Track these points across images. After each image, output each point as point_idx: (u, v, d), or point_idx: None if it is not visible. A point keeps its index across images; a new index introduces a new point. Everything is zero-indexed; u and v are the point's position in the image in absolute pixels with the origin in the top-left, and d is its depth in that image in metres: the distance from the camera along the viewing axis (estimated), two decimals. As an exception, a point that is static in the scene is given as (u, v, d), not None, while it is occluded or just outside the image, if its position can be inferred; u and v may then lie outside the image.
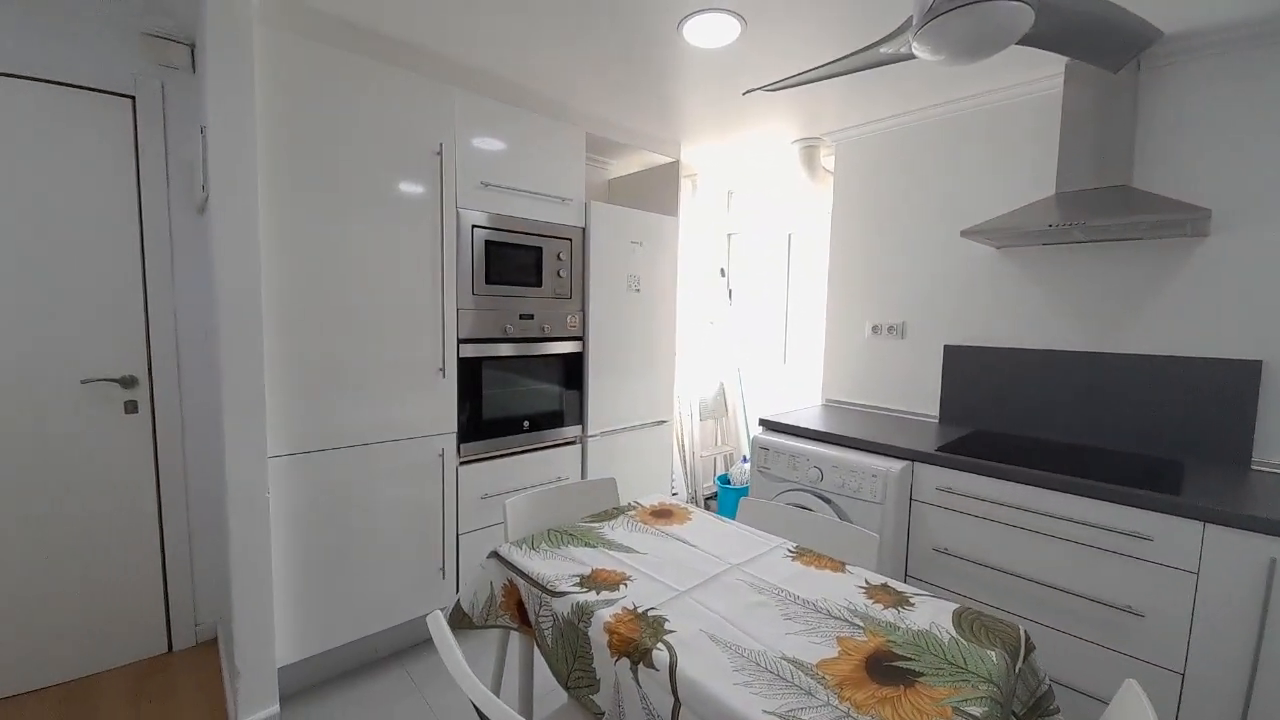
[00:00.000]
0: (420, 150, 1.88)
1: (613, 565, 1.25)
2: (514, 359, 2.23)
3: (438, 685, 1.86)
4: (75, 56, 1.73)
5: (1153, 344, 1.87)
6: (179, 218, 1.93)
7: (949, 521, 1.81)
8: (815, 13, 1.62)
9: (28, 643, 1.77)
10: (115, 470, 1.87)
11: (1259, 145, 1.66)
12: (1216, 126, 1.72)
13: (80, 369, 1.79)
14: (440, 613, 1.02)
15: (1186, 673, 1.41)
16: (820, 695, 0.84)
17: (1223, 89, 1.71)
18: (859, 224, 2.66)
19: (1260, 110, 1.66)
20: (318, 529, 1.75)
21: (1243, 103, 1.68)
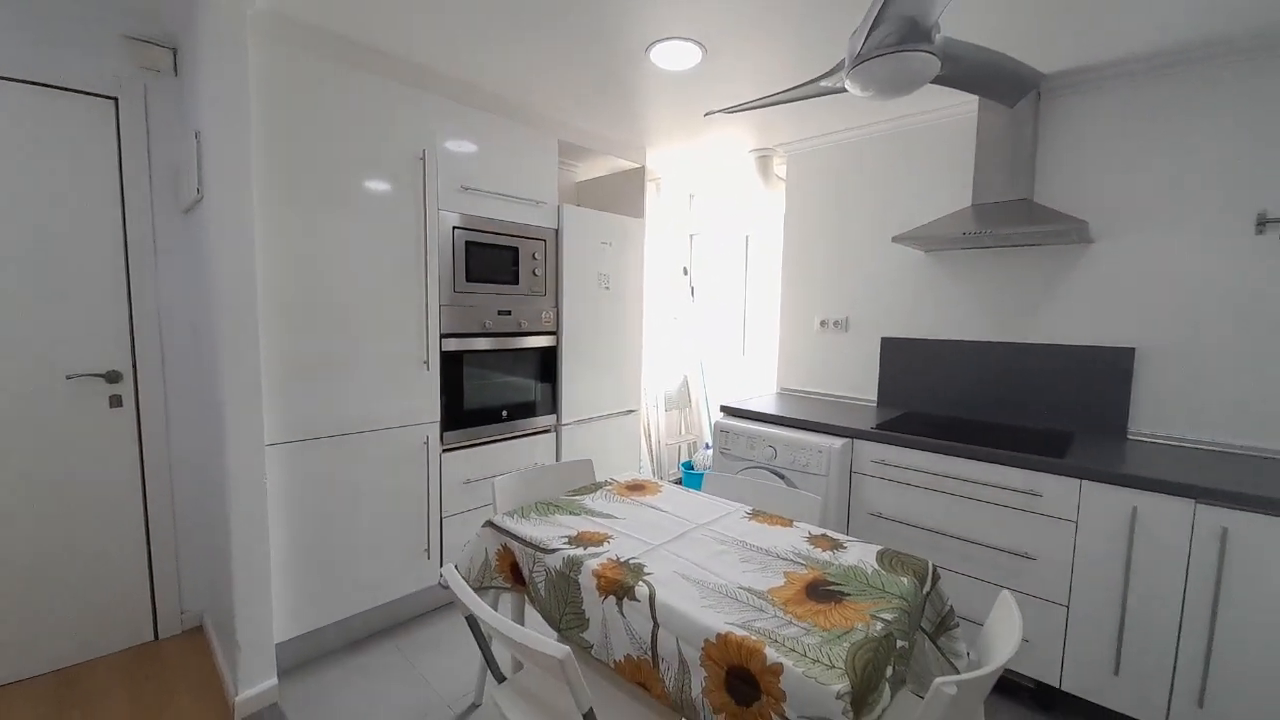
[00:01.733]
0: (404, 155, 2.00)
1: (595, 528, 1.43)
2: (492, 353, 2.37)
3: (427, 658, 1.99)
4: (58, 58, 1.77)
5: (1049, 334, 2.19)
6: (161, 217, 1.98)
7: (882, 489, 2.07)
8: (765, 46, 1.85)
9: (18, 633, 1.81)
10: (100, 464, 1.91)
11: (1132, 166, 1.99)
12: (1100, 149, 2.05)
13: (65, 365, 1.83)
14: (454, 566, 1.18)
15: (1070, 604, 1.71)
16: (769, 611, 1.05)
17: (1103, 117, 2.03)
18: (808, 227, 2.92)
19: (1132, 136, 1.98)
20: (310, 513, 1.86)
21: (1119, 129, 2.00)
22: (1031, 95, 2.06)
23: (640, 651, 1.10)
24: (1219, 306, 1.86)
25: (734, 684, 0.96)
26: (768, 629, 0.99)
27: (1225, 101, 1.82)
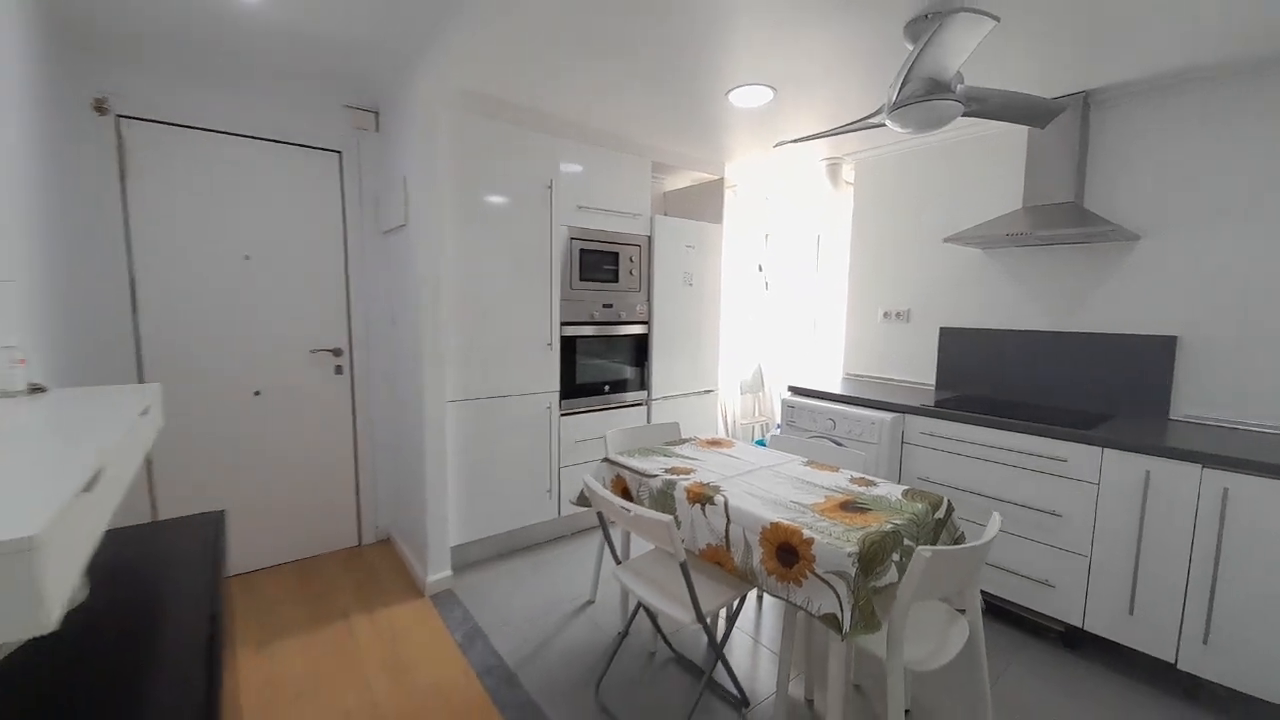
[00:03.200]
0: (537, 184, 2.60)
1: (684, 464, 1.93)
2: (598, 338, 2.94)
3: (550, 570, 2.60)
4: (303, 125, 2.52)
5: (1096, 324, 2.40)
6: (367, 238, 2.71)
7: (929, 457, 2.40)
8: (825, 88, 2.24)
9: (273, 532, 2.61)
10: (329, 414, 2.69)
11: (1180, 167, 2.17)
12: (1148, 152, 2.24)
13: (309, 343, 2.60)
14: (587, 477, 1.72)
15: (1092, 556, 1.98)
16: (810, 515, 1.50)
17: (1152, 122, 2.22)
18: (874, 227, 3.23)
19: (1180, 139, 2.17)
20: (470, 454, 2.52)
21: (1167, 132, 2.19)
22: (1081, 105, 2.29)
23: (717, 540, 1.59)
24: (1263, 298, 2.02)
25: (781, 554, 1.42)
26: (807, 522, 1.44)
27: (1272, 106, 1.97)
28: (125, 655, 0.90)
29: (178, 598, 1.05)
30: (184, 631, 0.95)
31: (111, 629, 0.96)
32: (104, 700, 0.80)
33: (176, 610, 1.01)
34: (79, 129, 2.06)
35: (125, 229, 2.17)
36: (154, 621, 0.99)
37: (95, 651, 0.90)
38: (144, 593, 1.07)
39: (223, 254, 2.37)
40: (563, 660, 1.97)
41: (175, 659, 0.88)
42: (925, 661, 1.38)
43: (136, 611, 1.01)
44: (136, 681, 0.84)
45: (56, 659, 0.88)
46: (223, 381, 2.41)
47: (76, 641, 0.92)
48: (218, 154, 2.34)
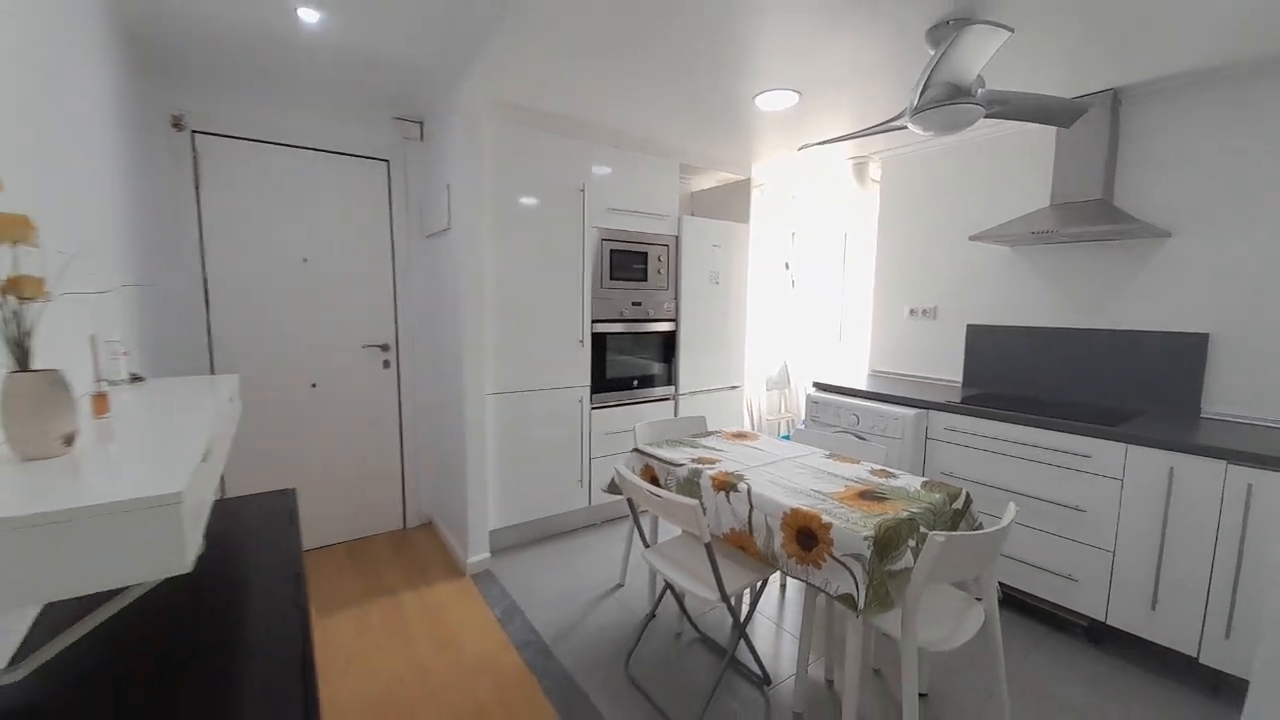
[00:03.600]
0: (570, 189, 2.72)
1: (710, 455, 2.03)
2: (627, 335, 3.05)
3: (580, 556, 2.73)
4: (355, 136, 2.70)
5: (1126, 321, 2.40)
6: (412, 241, 2.89)
7: (951, 452, 2.44)
8: (850, 92, 2.30)
9: (326, 514, 2.81)
10: (378, 405, 2.88)
11: (1212, 164, 2.16)
12: (1180, 149, 2.23)
13: (361, 338, 2.79)
14: (619, 466, 1.83)
15: (1116, 550, 2.00)
16: (829, 502, 1.58)
17: (1183, 119, 2.21)
18: (901, 225, 3.25)
19: (1213, 135, 2.15)
20: (507, 444, 2.67)
21: (1199, 129, 2.18)
22: (1110, 101, 2.29)
23: (740, 525, 1.69)
24: (1299, 294, 2.00)
25: (801, 538, 1.51)
26: (826, 508, 1.53)
27: (1305, 103, 1.95)
28: (232, 600, 1.05)
29: (267, 558, 1.21)
30: (275, 586, 1.11)
31: (219, 579, 1.12)
32: (218, 634, 0.95)
33: (267, 568, 1.17)
34: (160, 144, 2.27)
35: (199, 234, 2.39)
36: (250, 577, 1.14)
37: (209, 595, 1.06)
38: (240, 553, 1.24)
39: (283, 256, 2.58)
40: (594, 637, 2.10)
41: (271, 606, 1.03)
42: (939, 643, 1.45)
43: (236, 568, 1.17)
44: (243, 621, 0.99)
45: (179, 599, 1.04)
46: (283, 374, 2.62)
47: (194, 586, 1.08)
48: (279, 164, 2.54)
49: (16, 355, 0.83)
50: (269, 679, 0.86)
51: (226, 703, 0.80)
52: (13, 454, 0.82)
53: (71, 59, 1.41)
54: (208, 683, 0.84)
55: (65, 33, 1.38)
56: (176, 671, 0.86)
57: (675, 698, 1.79)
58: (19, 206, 0.92)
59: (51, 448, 0.82)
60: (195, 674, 0.86)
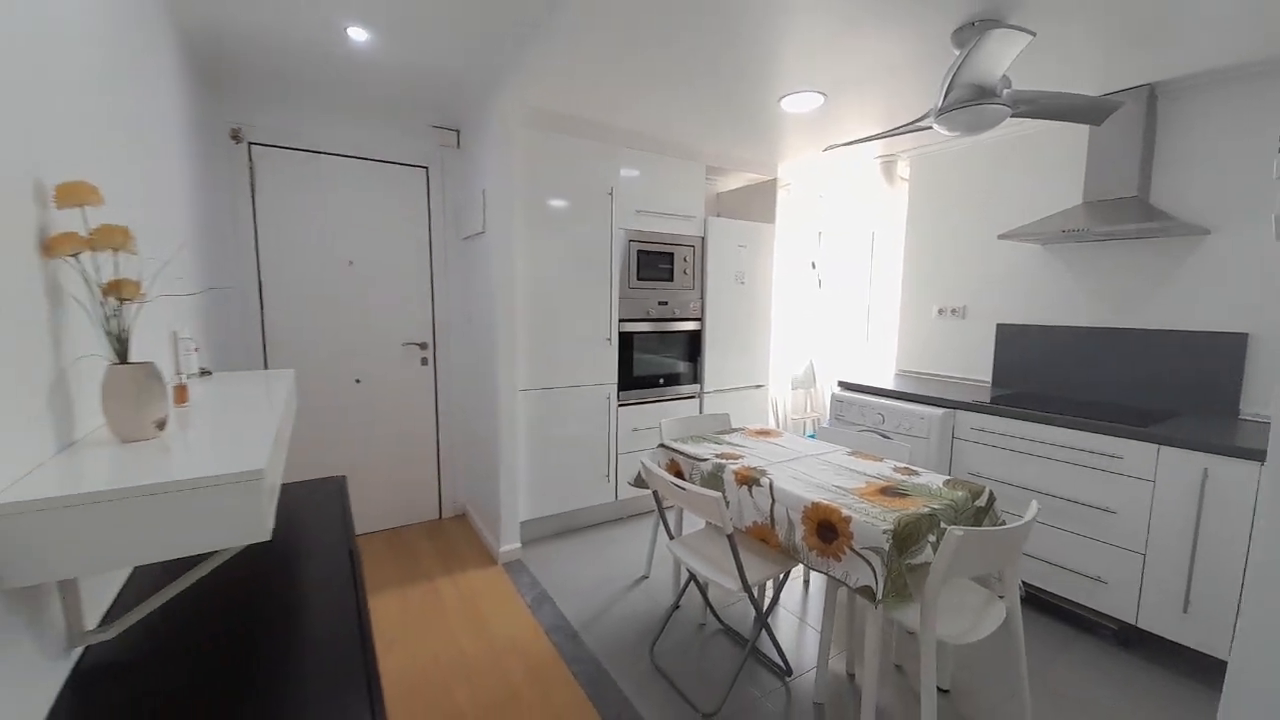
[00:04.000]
0: (598, 192, 2.81)
1: (733, 451, 2.08)
2: (653, 334, 3.12)
3: (607, 548, 2.81)
4: (397, 145, 2.84)
5: (1161, 320, 2.35)
6: (449, 244, 3.02)
7: (979, 452, 2.44)
8: (876, 93, 2.32)
9: (368, 503, 2.96)
10: (415, 401, 3.02)
11: (1253, 159, 2.11)
12: (1219, 144, 2.18)
13: (401, 336, 2.94)
14: (642, 462, 1.91)
15: (1147, 552, 1.98)
16: (850, 498, 1.62)
17: (1223, 114, 2.16)
18: (929, 223, 3.24)
19: (1253, 131, 2.10)
20: (537, 439, 2.77)
21: (1240, 124, 2.13)
22: (1146, 97, 2.26)
23: (763, 519, 1.74)
24: (1345, 293, 1.94)
25: (821, 531, 1.56)
26: (847, 503, 1.57)
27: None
28: (295, 576, 1.16)
29: (323, 539, 1.32)
30: (332, 564, 1.22)
31: (282, 556, 1.23)
32: (284, 605, 1.06)
33: (324, 548, 1.28)
34: (220, 155, 2.45)
35: (255, 239, 2.56)
36: (309, 555, 1.26)
37: (275, 570, 1.17)
38: (299, 534, 1.35)
39: (330, 259, 2.73)
40: (620, 625, 2.17)
41: (329, 582, 1.14)
42: (959, 636, 1.48)
43: (297, 547, 1.29)
44: (305, 595, 1.10)
45: (248, 574, 1.16)
46: (330, 370, 2.78)
47: (260, 562, 1.19)
48: (327, 173, 2.70)
49: (117, 349, 0.94)
50: (332, 648, 0.96)
51: (298, 667, 0.90)
52: (113, 436, 0.94)
53: (150, 78, 1.56)
54: (278, 648, 0.94)
55: (145, 55, 1.53)
56: (249, 637, 0.97)
57: (698, 684, 1.86)
58: (117, 217, 1.04)
59: (146, 431, 0.94)
60: (266, 640, 0.96)
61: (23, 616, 0.75)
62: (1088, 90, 2.31)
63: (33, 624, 0.77)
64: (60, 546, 0.71)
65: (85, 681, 0.85)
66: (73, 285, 0.95)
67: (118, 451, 0.88)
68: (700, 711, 1.74)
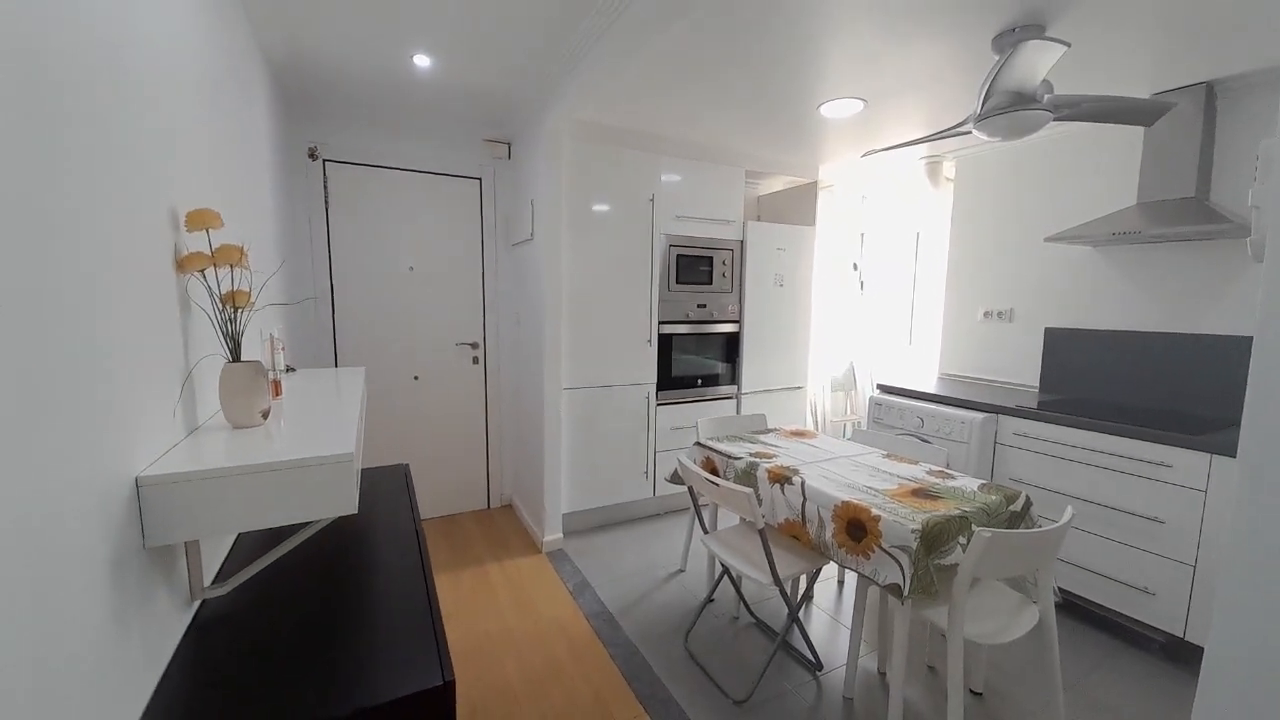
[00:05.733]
0: (640, 199, 2.92)
1: (767, 450, 2.15)
2: (692, 336, 3.21)
3: (645, 541, 2.92)
4: (453, 158, 3.04)
5: (1221, 325, 2.26)
6: (500, 250, 3.20)
7: (1022, 458, 2.40)
8: (916, 98, 2.33)
9: (424, 492, 3.18)
10: (467, 397, 3.22)
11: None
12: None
13: (455, 337, 3.14)
14: (681, 457, 2.00)
15: (1197, 564, 1.92)
16: (881, 499, 1.67)
17: (1291, 114, 2.07)
18: (976, 225, 3.18)
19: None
20: (580, 435, 2.90)
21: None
22: (1204, 95, 2.18)
23: (794, 516, 1.80)
24: None
25: (851, 529, 1.61)
26: (877, 503, 1.62)
27: None
28: (373, 544, 1.32)
29: (392, 520, 1.49)
30: (402, 537, 1.37)
31: (359, 533, 1.40)
32: (366, 566, 1.22)
33: (393, 528, 1.44)
34: (299, 172, 2.70)
35: (328, 247, 2.80)
36: (384, 528, 1.42)
37: (353, 544, 1.34)
38: (374, 511, 1.52)
39: (393, 266, 2.96)
40: (656, 614, 2.28)
41: (399, 558, 1.29)
42: (988, 637, 1.51)
43: (373, 521, 1.46)
44: (383, 559, 1.25)
45: (331, 547, 1.32)
46: (391, 367, 3.01)
47: (340, 538, 1.36)
48: (390, 185, 2.92)
49: (231, 349, 1.12)
50: (405, 608, 1.10)
51: (378, 622, 1.05)
52: (227, 423, 1.12)
53: (249, 107, 1.77)
54: (361, 607, 1.09)
55: (245, 87, 1.74)
56: (337, 596, 1.13)
57: (729, 673, 1.94)
58: (231, 236, 1.22)
59: (254, 419, 1.11)
60: (352, 599, 1.12)
61: (160, 572, 0.92)
62: (1137, 91, 2.25)
63: (165, 579, 0.94)
64: (191, 513, 0.87)
65: (203, 630, 1.01)
66: (198, 295, 1.13)
67: (232, 436, 1.05)
68: (731, 699, 1.82)
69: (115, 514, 0.77)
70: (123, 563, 0.79)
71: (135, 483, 0.83)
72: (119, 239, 0.81)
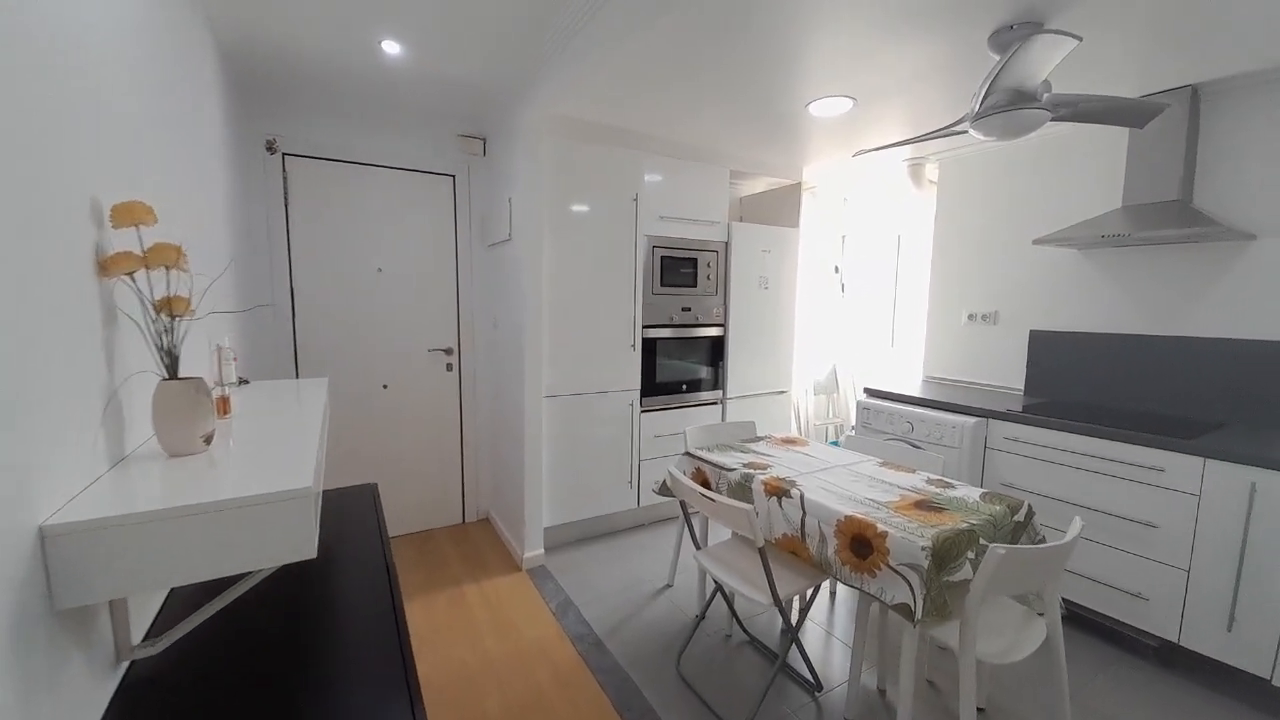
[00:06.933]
0: (623, 199, 2.81)
1: (761, 460, 2.06)
2: (676, 340, 3.11)
3: (630, 554, 2.80)
4: (425, 154, 2.88)
5: (1206, 328, 2.27)
6: (474, 251, 3.04)
7: (1012, 462, 2.38)
8: (907, 97, 2.28)
9: (395, 508, 2.99)
10: (441, 406, 3.05)
11: (1302, 164, 2.03)
12: (1266, 146, 2.10)
13: (428, 343, 2.97)
14: (671, 468, 1.89)
15: (1191, 568, 1.91)
16: (884, 512, 1.59)
17: (1268, 116, 2.08)
18: (959, 227, 3.17)
19: (1305, 135, 2.02)
20: (562, 445, 2.77)
21: None
22: (1189, 99, 2.18)
23: (793, 531, 1.71)
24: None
25: (855, 546, 1.53)
26: (882, 517, 1.54)
27: None
28: (335, 580, 1.18)
29: (360, 546, 1.34)
30: (369, 569, 1.23)
31: (320, 564, 1.25)
32: (327, 607, 1.07)
33: (359, 556, 1.29)
34: (255, 167, 2.50)
35: (288, 248, 2.61)
36: (348, 560, 1.27)
37: (314, 578, 1.19)
38: (337, 540, 1.37)
39: (360, 267, 2.78)
40: (644, 634, 2.17)
41: (366, 590, 1.15)
42: (998, 656, 1.44)
43: (335, 552, 1.30)
44: (346, 598, 1.11)
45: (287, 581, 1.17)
46: (359, 376, 2.82)
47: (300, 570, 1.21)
48: (357, 182, 2.74)
49: (168, 365, 0.96)
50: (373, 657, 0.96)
51: (340, 677, 0.91)
52: (162, 451, 0.96)
53: (194, 94, 1.60)
54: (320, 657, 0.95)
55: (189, 72, 1.56)
56: (291, 646, 0.98)
57: (725, 698, 1.84)
58: (168, 234, 1.06)
59: (194, 445, 0.96)
60: (308, 649, 0.97)
61: (76, 634, 0.77)
62: (1125, 92, 2.25)
63: (82, 642, 0.78)
64: (112, 566, 0.71)
65: (132, 695, 0.86)
66: (125, 302, 0.97)
67: (167, 467, 0.90)
68: (729, 725, 1.72)
69: (12, 574, 0.62)
70: (25, 630, 0.64)
71: (39, 533, 0.68)
72: (11, 232, 0.65)
